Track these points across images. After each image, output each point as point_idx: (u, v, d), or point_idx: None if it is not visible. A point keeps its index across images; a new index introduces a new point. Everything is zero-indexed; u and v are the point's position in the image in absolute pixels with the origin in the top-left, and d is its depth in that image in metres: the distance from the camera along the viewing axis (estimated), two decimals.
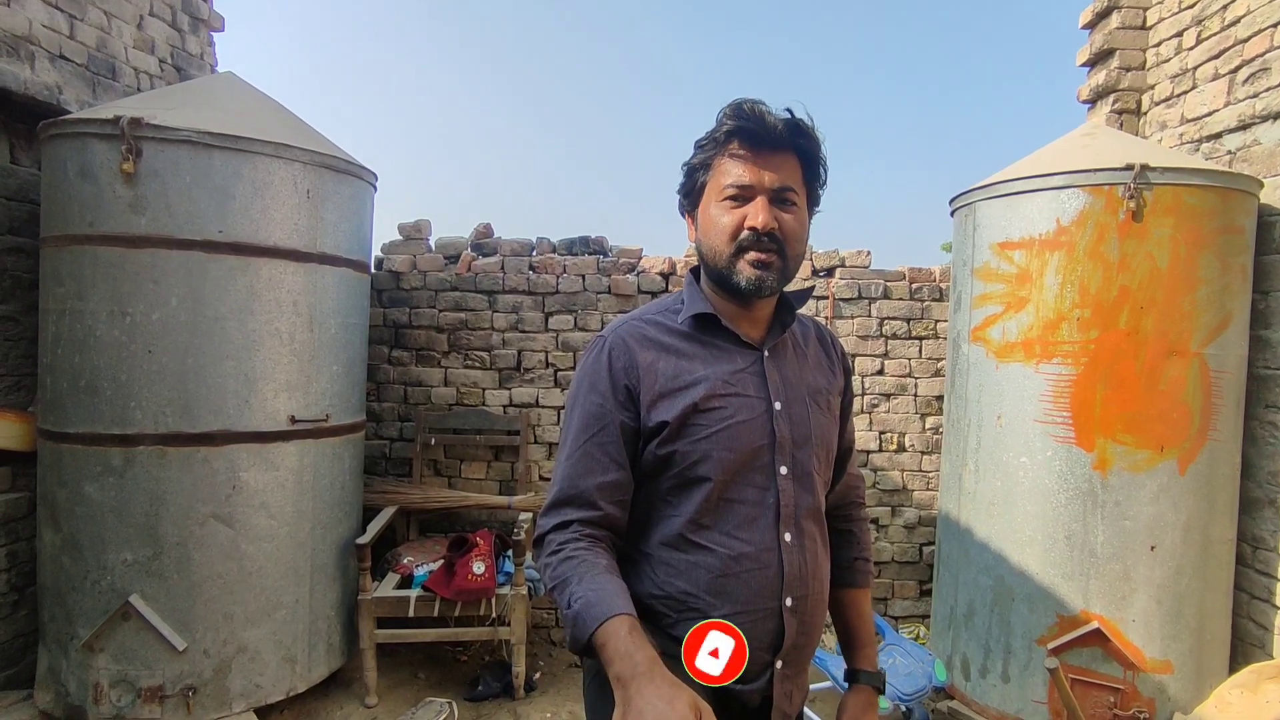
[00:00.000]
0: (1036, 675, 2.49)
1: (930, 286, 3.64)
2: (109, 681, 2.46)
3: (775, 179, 1.09)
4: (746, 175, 1.09)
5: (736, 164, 1.10)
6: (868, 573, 1.36)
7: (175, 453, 2.47)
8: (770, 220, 1.08)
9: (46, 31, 2.78)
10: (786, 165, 1.10)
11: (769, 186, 1.09)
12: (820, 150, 1.13)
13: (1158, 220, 2.35)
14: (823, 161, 1.14)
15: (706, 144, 1.14)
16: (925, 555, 3.65)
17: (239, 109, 2.69)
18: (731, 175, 1.10)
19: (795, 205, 1.11)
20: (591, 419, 1.13)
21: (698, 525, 1.11)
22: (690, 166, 1.17)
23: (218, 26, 3.82)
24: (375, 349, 3.57)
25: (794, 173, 1.12)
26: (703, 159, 1.15)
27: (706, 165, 1.14)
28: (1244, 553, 2.61)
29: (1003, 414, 2.59)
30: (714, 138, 1.12)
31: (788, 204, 1.11)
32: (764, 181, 1.09)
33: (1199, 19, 2.89)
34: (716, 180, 1.12)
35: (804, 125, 1.10)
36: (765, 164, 1.09)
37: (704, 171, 1.15)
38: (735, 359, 1.16)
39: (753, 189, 1.09)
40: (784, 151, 1.10)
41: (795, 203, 1.11)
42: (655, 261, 3.68)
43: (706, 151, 1.14)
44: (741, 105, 1.09)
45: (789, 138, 1.09)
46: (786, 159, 1.11)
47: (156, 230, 2.43)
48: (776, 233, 1.09)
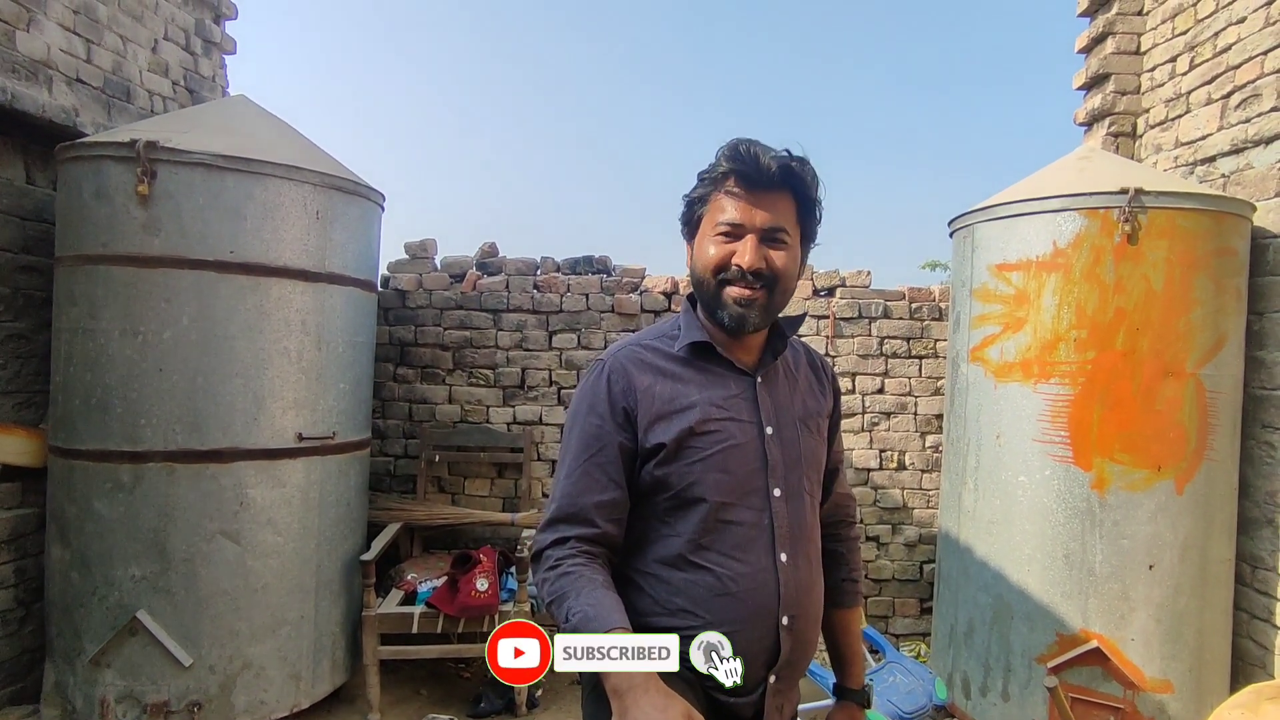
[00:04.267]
0: (1036, 694, 2.50)
1: (930, 306, 3.68)
2: (115, 697, 2.48)
3: (767, 219, 1.13)
4: (739, 214, 1.14)
5: (731, 202, 1.15)
6: (856, 593, 1.40)
7: (184, 469, 2.50)
8: (757, 260, 1.13)
9: (64, 56, 2.84)
10: (780, 204, 1.15)
11: (760, 226, 1.13)
12: (814, 190, 1.18)
13: (1152, 243, 2.39)
14: (818, 202, 1.19)
15: (705, 179, 1.19)
16: (926, 573, 3.66)
17: (250, 131, 2.75)
18: (725, 213, 1.15)
19: (786, 244, 1.15)
20: (591, 439, 1.16)
21: (697, 546, 1.14)
22: (690, 199, 1.22)
23: (229, 49, 3.89)
24: (381, 367, 3.61)
25: (787, 212, 1.16)
26: (701, 193, 1.20)
27: (704, 200, 1.19)
28: (1243, 572, 2.62)
29: (1001, 433, 2.62)
30: (712, 175, 1.17)
31: (779, 243, 1.15)
32: (755, 221, 1.13)
33: (1191, 45, 2.95)
34: (712, 215, 1.17)
35: (796, 169, 1.14)
36: (758, 203, 1.13)
37: (701, 205, 1.20)
38: (729, 384, 1.20)
39: (743, 228, 1.13)
40: (778, 191, 1.15)
41: (786, 242, 1.15)
42: (658, 281, 3.73)
43: (705, 187, 1.19)
44: (738, 147, 1.13)
45: (782, 179, 1.13)
46: (781, 198, 1.15)
47: (169, 250, 2.48)
48: (764, 271, 1.14)
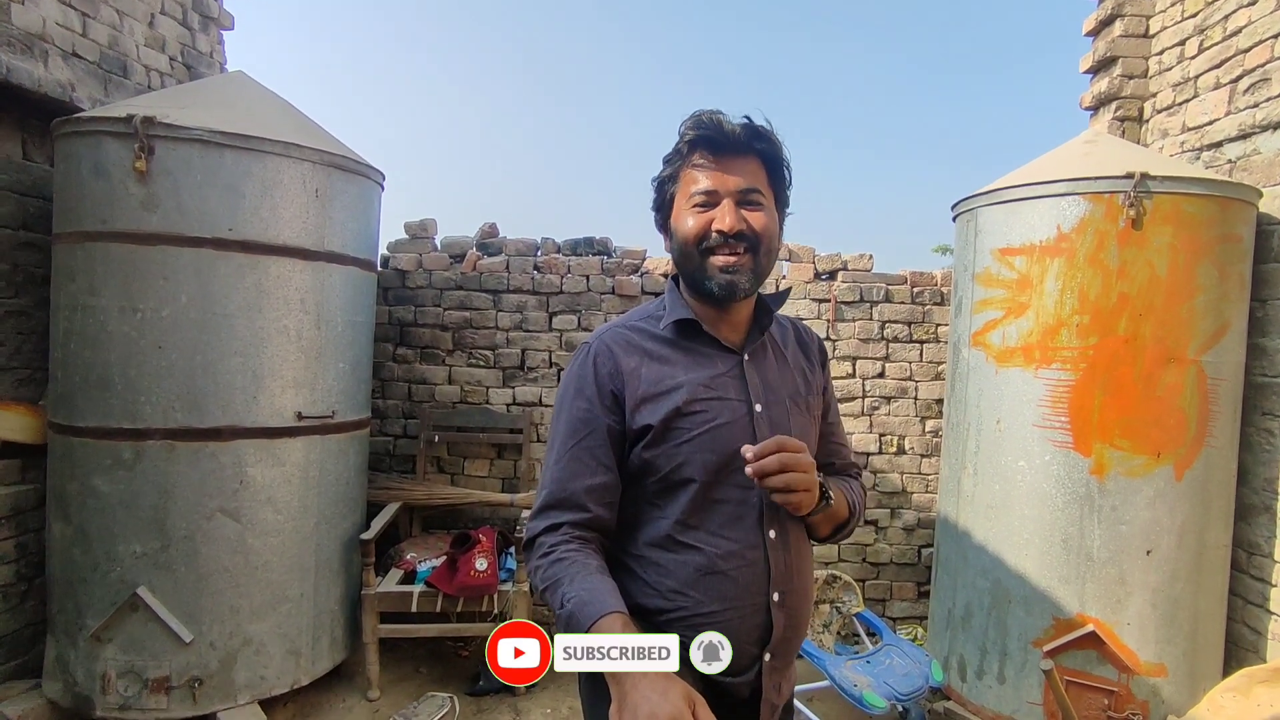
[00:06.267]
0: (1032, 677, 2.52)
1: (931, 290, 3.67)
2: (117, 672, 2.50)
3: (739, 182, 1.13)
4: (710, 181, 1.13)
5: (700, 172, 1.14)
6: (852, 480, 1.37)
7: (184, 447, 2.50)
8: (737, 222, 1.12)
9: (60, 29, 2.81)
10: (749, 168, 1.15)
11: (733, 190, 1.13)
12: (782, 152, 1.18)
13: (1157, 228, 2.38)
14: (786, 163, 1.19)
15: (672, 157, 1.18)
16: (924, 557, 3.68)
17: (249, 108, 2.72)
18: (697, 183, 1.14)
19: (762, 205, 1.15)
20: (579, 423, 1.16)
21: (685, 525, 1.14)
22: (660, 180, 1.22)
23: (227, 25, 3.85)
24: (380, 347, 3.61)
25: (758, 175, 1.16)
26: (670, 172, 1.19)
27: (674, 177, 1.19)
28: (1239, 558, 2.63)
29: (1002, 418, 2.62)
30: (678, 150, 1.17)
31: (754, 204, 1.14)
32: (728, 185, 1.13)
33: (1201, 28, 2.91)
34: (684, 189, 1.17)
35: (762, 130, 1.14)
36: (728, 169, 1.13)
37: (672, 183, 1.19)
38: (716, 363, 1.20)
39: (717, 194, 1.13)
40: (745, 155, 1.15)
41: (761, 203, 1.15)
42: (659, 263, 3.71)
43: (673, 164, 1.18)
44: (700, 116, 1.14)
45: (748, 142, 1.14)
46: (749, 163, 1.15)
47: (168, 228, 2.46)
48: (746, 232, 1.13)
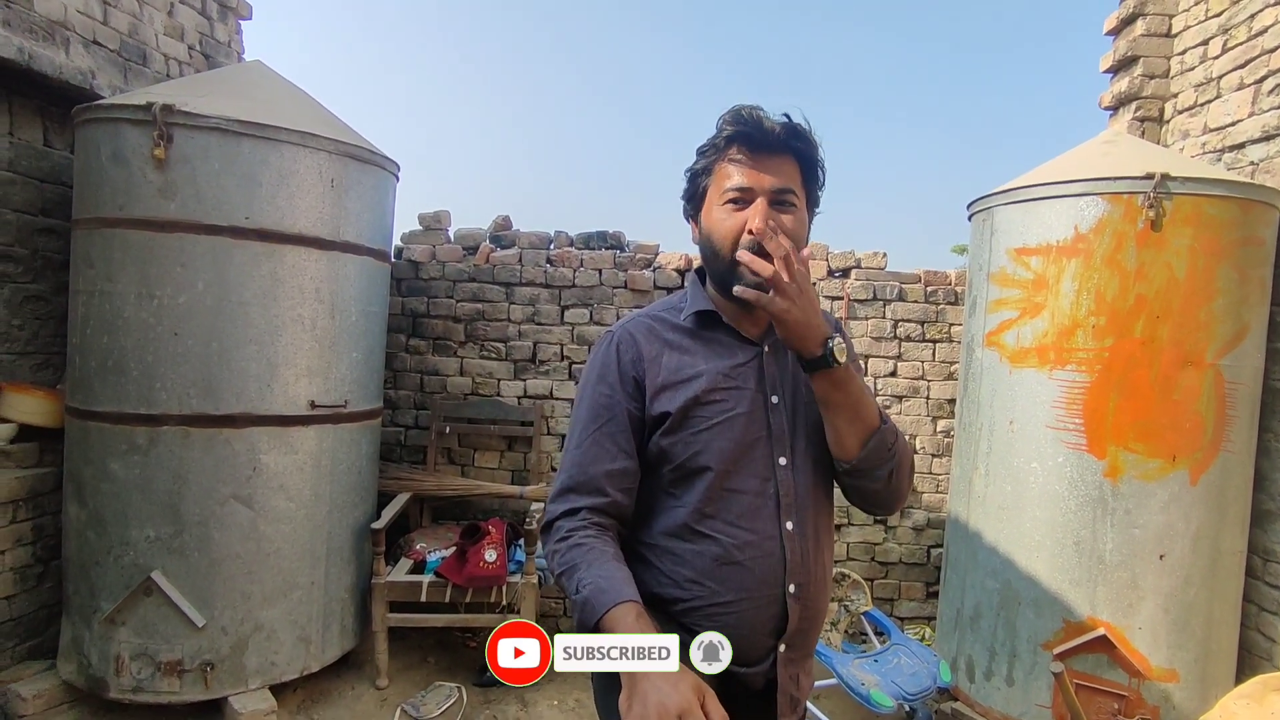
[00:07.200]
0: (1041, 679, 2.50)
1: (945, 290, 3.65)
2: (130, 654, 2.53)
3: (774, 181, 1.12)
4: (746, 179, 1.12)
5: (736, 168, 1.13)
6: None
7: (198, 433, 2.52)
8: (767, 224, 1.11)
9: (81, 17, 2.83)
10: (785, 168, 1.14)
11: (768, 188, 1.12)
12: (817, 153, 1.16)
13: (1177, 230, 2.35)
14: (820, 164, 1.18)
15: (708, 150, 1.18)
16: (933, 557, 3.66)
17: (267, 97, 2.73)
18: (732, 179, 1.13)
19: (794, 207, 1.14)
20: (601, 409, 1.17)
21: (702, 515, 1.14)
22: (693, 172, 1.21)
23: (245, 14, 3.87)
24: (393, 337, 3.62)
25: (793, 175, 1.14)
26: (704, 164, 1.18)
27: (708, 170, 1.18)
28: (1254, 565, 2.61)
29: (1015, 419, 2.60)
30: (714, 143, 1.16)
31: (787, 205, 1.13)
32: (763, 184, 1.12)
33: (1225, 28, 2.88)
34: (718, 184, 1.16)
35: (801, 129, 1.13)
36: (764, 167, 1.12)
37: (706, 176, 1.18)
38: (735, 354, 1.20)
39: (752, 191, 1.12)
40: (782, 155, 1.13)
41: (794, 204, 1.14)
42: (672, 258, 3.71)
43: (708, 157, 1.18)
44: (740, 111, 1.13)
45: (786, 141, 1.13)
46: (785, 162, 1.14)
47: (185, 215, 2.48)
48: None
